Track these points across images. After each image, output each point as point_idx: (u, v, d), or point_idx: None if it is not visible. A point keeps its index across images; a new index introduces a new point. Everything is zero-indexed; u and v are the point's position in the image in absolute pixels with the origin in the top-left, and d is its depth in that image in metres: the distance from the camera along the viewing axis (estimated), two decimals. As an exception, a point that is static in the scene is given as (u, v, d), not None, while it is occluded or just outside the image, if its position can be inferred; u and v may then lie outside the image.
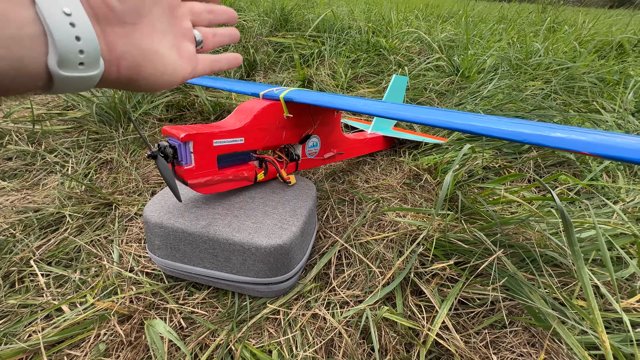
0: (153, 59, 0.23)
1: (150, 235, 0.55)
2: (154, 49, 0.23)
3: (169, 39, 0.24)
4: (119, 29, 0.21)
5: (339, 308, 0.53)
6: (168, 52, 0.24)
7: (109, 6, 0.20)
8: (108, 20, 0.20)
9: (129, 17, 0.21)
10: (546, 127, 0.40)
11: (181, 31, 0.26)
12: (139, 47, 0.22)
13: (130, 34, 0.21)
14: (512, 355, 0.48)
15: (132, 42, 0.21)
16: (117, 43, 0.21)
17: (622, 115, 1.10)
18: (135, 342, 0.47)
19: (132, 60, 0.21)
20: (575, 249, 0.43)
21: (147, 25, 0.22)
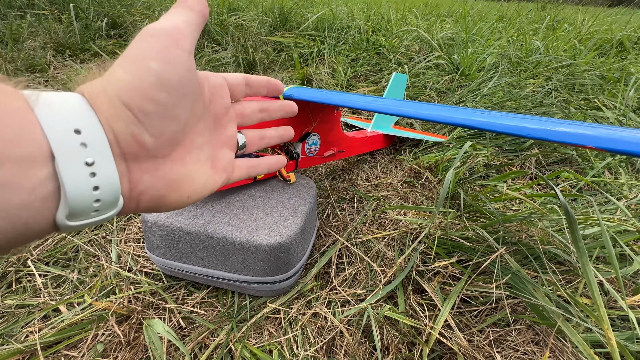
0: (180, 186, 0.20)
1: (149, 234, 0.54)
2: (184, 174, 0.20)
3: (206, 152, 0.22)
4: (148, 163, 0.18)
5: (340, 307, 0.53)
6: (200, 171, 0.22)
7: (140, 143, 0.17)
8: (137, 157, 0.18)
9: (162, 150, 0.19)
10: (549, 121, 0.40)
11: (222, 139, 0.24)
12: (167, 179, 0.19)
13: (159, 167, 0.19)
14: (516, 353, 0.47)
15: (159, 175, 0.19)
16: (142, 179, 0.18)
17: (624, 112, 1.09)
18: (134, 342, 0.46)
19: (155, 193, 0.19)
20: (580, 246, 0.42)
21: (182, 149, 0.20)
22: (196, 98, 0.21)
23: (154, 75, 0.17)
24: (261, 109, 0.28)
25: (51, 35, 1.53)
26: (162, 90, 0.17)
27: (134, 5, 1.97)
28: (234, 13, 1.94)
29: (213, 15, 1.77)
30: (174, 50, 0.18)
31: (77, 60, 1.52)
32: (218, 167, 0.23)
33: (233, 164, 0.25)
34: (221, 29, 1.69)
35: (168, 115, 0.18)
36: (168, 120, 0.18)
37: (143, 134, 0.17)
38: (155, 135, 0.18)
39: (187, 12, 0.20)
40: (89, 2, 1.80)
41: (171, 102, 0.18)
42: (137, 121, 0.17)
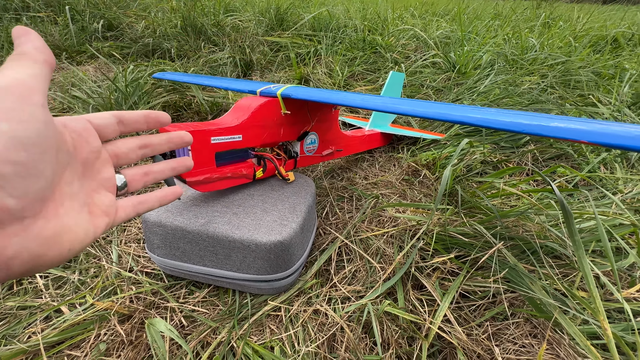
0: (59, 241, 0.19)
1: (149, 234, 0.54)
2: (59, 228, 0.19)
3: (80, 200, 0.21)
4: (15, 227, 0.17)
5: (340, 303, 0.53)
6: (77, 220, 0.21)
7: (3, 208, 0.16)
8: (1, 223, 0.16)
9: (29, 211, 0.17)
10: (544, 117, 0.40)
11: (96, 184, 0.23)
12: (40, 238, 0.18)
13: (29, 227, 0.18)
14: (514, 346, 0.48)
15: (30, 236, 0.18)
16: (10, 244, 0.17)
17: (619, 107, 1.11)
18: (136, 341, 0.47)
19: (29, 256, 0.18)
20: (576, 239, 0.43)
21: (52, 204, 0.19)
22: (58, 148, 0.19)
23: (6, 136, 0.16)
24: (141, 145, 0.26)
25: (47, 37, 1.53)
26: (18, 150, 0.16)
27: (130, 7, 1.96)
28: (230, 14, 1.94)
29: (210, 15, 1.77)
30: (25, 107, 0.17)
31: (74, 62, 1.51)
32: (97, 212, 0.22)
33: (115, 205, 0.24)
34: (218, 29, 1.69)
35: (30, 173, 0.17)
36: (31, 179, 0.17)
37: (4, 198, 0.16)
38: (18, 197, 0.16)
39: (30, 65, 0.19)
40: (84, 4, 1.80)
41: (31, 160, 0.17)
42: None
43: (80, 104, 1.03)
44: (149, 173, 0.27)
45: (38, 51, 0.20)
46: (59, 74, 1.35)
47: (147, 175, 0.27)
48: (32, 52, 0.19)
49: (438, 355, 0.48)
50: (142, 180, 0.27)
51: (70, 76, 1.23)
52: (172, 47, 1.52)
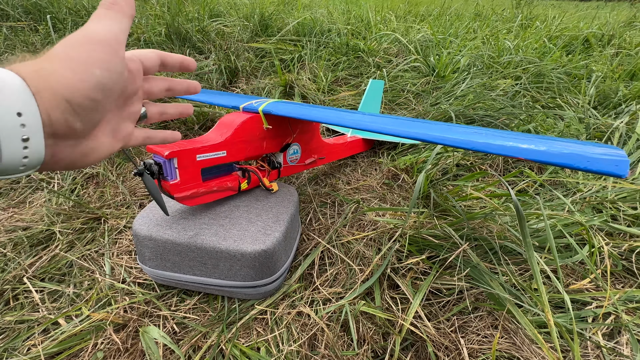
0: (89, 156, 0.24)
1: (141, 247, 0.58)
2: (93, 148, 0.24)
3: (112, 125, 0.26)
4: (72, 141, 0.22)
5: (321, 305, 0.58)
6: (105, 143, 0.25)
7: (72, 128, 0.21)
8: (66, 136, 0.21)
9: (86, 132, 0.22)
10: (494, 135, 0.46)
11: (126, 114, 0.27)
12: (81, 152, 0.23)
13: (78, 144, 0.23)
14: (477, 337, 0.53)
15: (77, 150, 0.23)
16: (63, 152, 0.22)
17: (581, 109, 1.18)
18: (132, 348, 0.50)
19: (68, 161, 0.23)
20: (527, 240, 0.49)
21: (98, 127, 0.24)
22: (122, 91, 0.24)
23: (95, 80, 0.21)
24: (168, 88, 0.31)
25: (29, 47, 1.52)
26: (99, 92, 0.21)
27: (113, 13, 1.95)
28: (214, 19, 1.95)
29: (194, 21, 1.78)
30: (114, 60, 0.22)
31: (57, 72, 1.51)
32: (118, 137, 0.27)
33: (131, 134, 0.28)
34: (203, 35, 1.71)
35: (99, 109, 0.22)
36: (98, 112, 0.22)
37: (76, 122, 0.21)
38: (84, 123, 0.21)
39: (120, 17, 0.23)
40: (66, 12, 1.79)
41: (104, 100, 0.22)
42: (73, 112, 0.20)
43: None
44: (163, 113, 0.32)
45: (128, 4, 0.24)
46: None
47: (162, 114, 0.32)
48: (123, 4, 0.24)
49: (410, 349, 0.54)
50: (158, 118, 0.31)
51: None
52: (157, 55, 1.53)
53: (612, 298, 0.53)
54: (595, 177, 0.85)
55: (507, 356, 0.50)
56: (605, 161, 0.34)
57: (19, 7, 1.80)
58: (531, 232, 0.65)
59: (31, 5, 1.80)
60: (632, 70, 1.56)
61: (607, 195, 0.78)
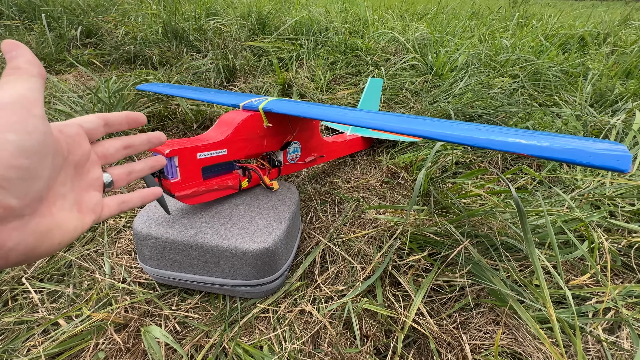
0: (51, 236, 0.22)
1: (141, 246, 0.57)
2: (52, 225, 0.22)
3: (70, 199, 0.24)
4: (15, 222, 0.19)
5: (323, 303, 0.58)
6: (67, 217, 0.23)
7: (6, 207, 0.18)
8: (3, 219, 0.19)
9: (29, 209, 0.20)
10: (495, 131, 0.46)
11: (85, 184, 0.25)
12: (36, 232, 0.21)
13: (27, 224, 0.20)
14: (479, 333, 0.54)
15: (28, 231, 0.20)
16: (10, 238, 0.19)
17: (578, 107, 1.19)
18: (133, 348, 0.50)
19: (24, 248, 0.20)
20: (528, 237, 0.49)
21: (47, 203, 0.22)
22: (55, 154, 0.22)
23: (13, 145, 0.18)
24: (125, 145, 0.29)
25: (24, 46, 1.50)
26: (22, 157, 0.19)
27: (108, 12, 1.94)
28: (211, 17, 1.94)
29: (191, 20, 1.77)
30: (29, 119, 0.19)
31: (52, 71, 1.49)
32: (85, 210, 0.25)
33: (101, 203, 0.26)
34: (200, 34, 1.70)
35: (32, 177, 0.19)
36: (32, 181, 0.19)
37: (8, 198, 0.18)
38: (20, 197, 0.19)
39: (27, 79, 0.21)
40: (61, 11, 1.77)
41: (33, 165, 0.19)
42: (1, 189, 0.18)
43: (64, 118, 1.04)
44: (131, 172, 0.30)
45: (31, 65, 0.22)
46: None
47: (130, 174, 0.30)
48: (26, 66, 0.21)
49: (413, 345, 0.54)
50: (126, 178, 0.29)
51: (51, 87, 1.22)
52: (153, 54, 1.52)
53: (612, 293, 0.54)
54: (593, 173, 0.86)
55: (509, 352, 0.50)
56: (607, 156, 0.34)
57: (13, 6, 1.78)
58: (531, 228, 0.65)
59: (26, 4, 1.78)
60: (627, 68, 1.57)
61: (605, 191, 0.79)
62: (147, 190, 0.31)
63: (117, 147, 0.28)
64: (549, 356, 0.48)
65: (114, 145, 0.28)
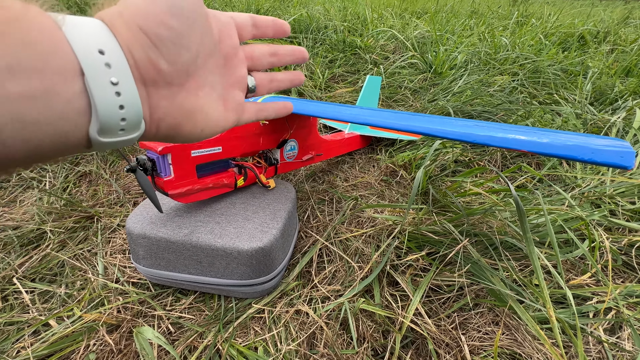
0: (194, 117, 0.22)
1: (134, 246, 0.56)
2: (197, 106, 0.22)
3: (218, 90, 0.24)
4: (165, 90, 0.20)
5: (320, 303, 0.57)
6: (213, 106, 0.23)
7: (158, 69, 0.19)
8: (155, 83, 0.19)
9: (177, 78, 0.20)
10: (494, 128, 0.45)
11: (233, 80, 0.25)
12: (182, 108, 0.21)
13: (175, 95, 0.20)
14: (478, 334, 0.53)
15: (175, 103, 0.20)
16: (160, 105, 0.20)
17: (578, 105, 1.18)
18: (125, 349, 0.49)
19: (172, 121, 0.21)
20: (527, 236, 0.48)
21: (195, 82, 0.21)
22: (205, 31, 0.21)
23: (166, 1, 0.18)
24: (271, 52, 0.28)
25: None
26: (173, 16, 0.19)
27: (106, 9, 1.92)
28: (209, 16, 1.93)
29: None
30: None
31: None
32: (229, 107, 0.25)
33: (243, 105, 0.26)
34: (197, 33, 1.68)
35: (180, 42, 0.19)
36: (181, 48, 0.19)
37: (159, 59, 0.18)
38: (170, 62, 0.19)
39: None
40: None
41: (182, 30, 0.19)
42: (153, 46, 0.18)
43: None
44: (273, 80, 0.29)
45: None
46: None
47: (272, 82, 0.29)
48: None
49: (411, 346, 0.53)
50: (268, 86, 0.29)
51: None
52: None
53: (613, 293, 0.53)
54: (593, 171, 0.85)
55: (508, 353, 0.49)
56: (610, 152, 0.33)
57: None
58: (531, 227, 0.65)
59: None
60: (627, 67, 1.56)
61: (605, 190, 0.78)
62: (280, 103, 0.31)
63: (264, 52, 0.28)
64: (549, 357, 0.47)
65: (262, 49, 0.28)
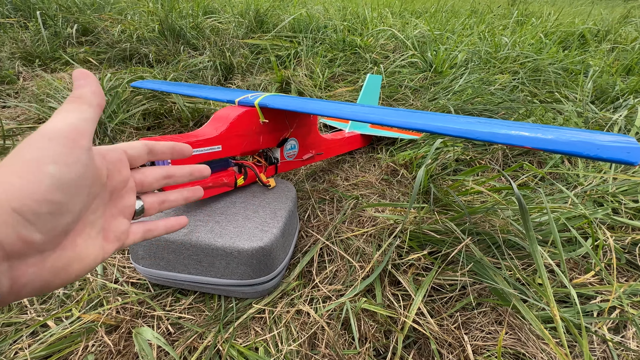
0: (68, 270, 0.20)
1: (133, 246, 0.55)
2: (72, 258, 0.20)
3: (97, 226, 0.22)
4: (34, 258, 0.18)
5: (321, 303, 0.56)
6: (90, 248, 0.21)
7: (28, 243, 0.17)
8: (22, 255, 0.17)
9: (51, 244, 0.18)
10: (496, 124, 0.44)
11: (116, 210, 0.24)
12: (54, 268, 0.19)
13: (46, 259, 0.18)
14: (481, 334, 0.52)
15: (46, 267, 0.18)
16: (26, 274, 0.18)
17: (579, 103, 1.17)
18: (124, 350, 0.48)
19: (39, 283, 0.18)
20: (530, 234, 0.47)
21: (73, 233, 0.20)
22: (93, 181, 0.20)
23: (50, 179, 0.17)
24: (166, 175, 0.28)
25: (18, 44, 1.48)
26: (58, 192, 0.17)
27: (104, 10, 1.92)
28: (209, 15, 1.93)
29: (188, 18, 1.76)
30: (73, 151, 0.18)
31: (47, 69, 1.48)
32: (111, 238, 0.23)
33: (128, 231, 0.25)
34: (197, 32, 1.68)
35: (61, 212, 0.18)
36: (61, 216, 0.18)
37: (32, 234, 0.17)
38: (45, 232, 0.17)
39: (85, 109, 0.20)
40: (56, 9, 1.75)
41: (66, 200, 0.18)
42: (27, 223, 0.17)
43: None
44: (164, 202, 0.28)
45: (94, 95, 0.21)
46: (33, 83, 1.32)
47: (163, 203, 0.28)
48: (89, 96, 0.21)
49: (413, 346, 0.52)
50: (158, 207, 0.28)
51: (45, 85, 1.20)
52: (150, 52, 1.51)
53: (617, 291, 0.52)
54: (596, 169, 0.85)
55: (512, 353, 0.49)
56: (616, 148, 0.32)
57: (8, 4, 1.77)
58: (534, 225, 0.64)
59: (21, 2, 1.76)
60: (628, 65, 1.56)
61: (608, 188, 0.77)
62: (172, 220, 0.29)
63: (157, 176, 0.27)
64: (554, 357, 0.46)
65: (155, 174, 0.27)
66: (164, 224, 0.29)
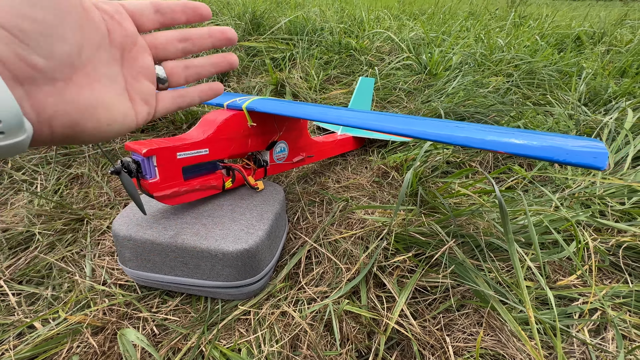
0: (94, 113, 0.20)
1: (120, 247, 0.56)
2: (96, 101, 0.20)
3: (120, 83, 0.22)
4: (48, 87, 0.18)
5: (306, 304, 0.57)
6: (116, 100, 0.21)
7: (32, 65, 0.17)
8: (34, 80, 0.17)
9: (60, 73, 0.18)
10: (475, 129, 0.45)
11: (136, 70, 0.23)
12: (75, 104, 0.19)
13: (62, 91, 0.19)
14: (463, 335, 0.53)
15: (65, 100, 0.19)
16: (47, 102, 0.18)
17: (571, 105, 1.18)
18: (109, 351, 0.49)
19: (67, 119, 0.19)
20: (509, 236, 0.48)
21: (85, 75, 0.20)
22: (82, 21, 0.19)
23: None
24: (181, 38, 0.25)
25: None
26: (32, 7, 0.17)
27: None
28: (206, 18, 1.93)
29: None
30: None
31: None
32: (137, 99, 0.23)
33: (155, 95, 0.24)
34: (193, 35, 1.69)
35: (52, 34, 0.18)
36: (55, 40, 0.18)
37: (30, 54, 0.17)
38: (45, 56, 0.17)
39: None
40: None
41: (49, 20, 0.17)
42: (18, 41, 0.16)
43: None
44: (189, 66, 0.26)
45: None
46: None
47: (188, 68, 0.26)
48: None
49: (396, 348, 0.53)
50: (183, 74, 0.26)
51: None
52: (146, 54, 1.52)
53: (598, 294, 0.53)
54: (584, 172, 0.85)
55: (492, 354, 0.49)
56: (583, 153, 0.33)
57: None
58: (518, 228, 0.65)
59: None
60: (622, 67, 1.56)
61: (595, 191, 0.78)
62: (206, 85, 0.27)
63: (170, 37, 0.24)
64: (532, 358, 0.47)
65: (167, 35, 0.24)
66: (196, 89, 0.27)
